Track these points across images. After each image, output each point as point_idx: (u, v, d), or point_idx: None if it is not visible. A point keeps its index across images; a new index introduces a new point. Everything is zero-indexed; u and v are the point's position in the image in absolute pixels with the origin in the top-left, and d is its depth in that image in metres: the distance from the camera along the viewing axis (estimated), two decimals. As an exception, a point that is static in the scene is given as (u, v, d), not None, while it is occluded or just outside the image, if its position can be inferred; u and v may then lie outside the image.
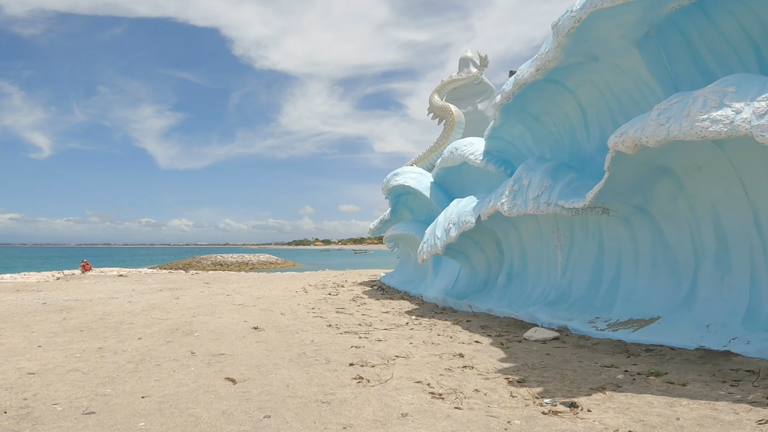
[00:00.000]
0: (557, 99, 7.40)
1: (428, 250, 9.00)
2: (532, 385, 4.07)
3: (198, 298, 11.25)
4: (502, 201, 7.02)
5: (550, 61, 6.28)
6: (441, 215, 9.27)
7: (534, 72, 6.66)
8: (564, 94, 7.30)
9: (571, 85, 7.03)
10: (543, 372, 4.53)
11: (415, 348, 5.71)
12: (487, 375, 4.51)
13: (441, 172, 11.29)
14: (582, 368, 4.63)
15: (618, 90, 6.66)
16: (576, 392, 3.82)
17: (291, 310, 9.09)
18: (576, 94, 7.18)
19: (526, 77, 6.86)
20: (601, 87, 6.82)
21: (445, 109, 13.15)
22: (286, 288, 13.90)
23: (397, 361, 5.04)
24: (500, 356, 5.30)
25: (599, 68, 6.43)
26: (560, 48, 5.96)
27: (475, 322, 7.72)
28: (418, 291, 11.53)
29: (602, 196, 5.59)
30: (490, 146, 9.35)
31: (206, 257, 46.74)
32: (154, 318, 8.13)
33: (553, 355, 5.29)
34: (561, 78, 6.85)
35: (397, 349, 5.60)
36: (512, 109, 7.77)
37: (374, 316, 8.53)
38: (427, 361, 5.04)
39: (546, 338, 6.08)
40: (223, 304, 9.86)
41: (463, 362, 4.99)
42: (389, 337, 6.42)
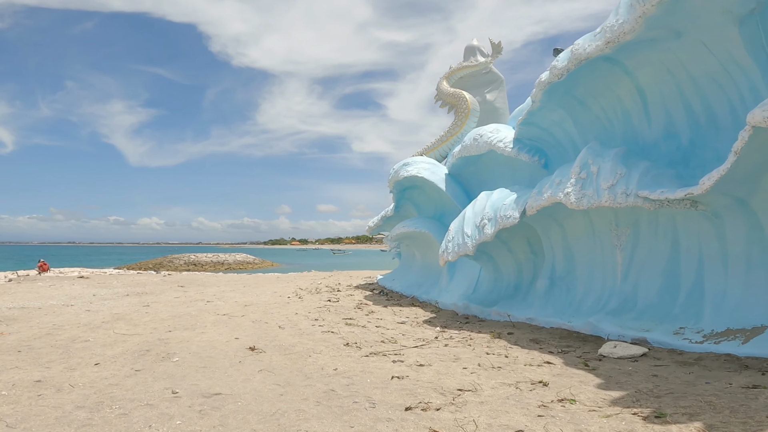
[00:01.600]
0: (609, 80, 6.28)
1: (455, 250, 7.63)
2: (680, 420, 2.97)
3: (173, 305, 9.51)
4: (566, 191, 5.73)
5: (625, 33, 5.19)
6: (468, 210, 7.92)
7: (602, 46, 5.54)
8: (618, 75, 6.17)
9: (630, 65, 5.96)
10: (676, 401, 3.39)
11: (475, 375, 4.32)
12: (604, 411, 3.25)
13: (458, 163, 9.95)
14: (721, 393, 3.50)
15: (697, 71, 5.60)
16: (757, 429, 2.60)
17: (290, 321, 7.53)
18: (634, 75, 6.09)
19: (590, 51, 5.71)
20: (673, 67, 5.75)
21: (458, 96, 11.88)
22: (275, 292, 12.26)
23: (465, 397, 3.65)
24: (595, 381, 4.07)
25: (677, 46, 5.45)
26: (643, 19, 4.96)
27: (520, 334, 6.41)
28: (429, 296, 10.15)
29: (720, 185, 4.39)
30: (521, 133, 8.08)
31: (179, 257, 44.07)
32: (118, 333, 6.43)
33: (663, 376, 4.12)
34: (619, 56, 5.80)
35: (454, 379, 4.20)
36: (555, 92, 6.62)
37: (391, 329, 7.10)
38: (505, 396, 3.68)
39: (634, 354, 4.92)
40: (204, 314, 8.20)
41: (555, 393, 3.69)
42: (429, 358, 5.00)
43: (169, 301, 10.14)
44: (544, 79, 6.58)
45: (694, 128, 5.85)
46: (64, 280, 15.71)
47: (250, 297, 11.12)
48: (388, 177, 11.18)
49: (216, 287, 13.98)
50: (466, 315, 8.54)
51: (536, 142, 8.13)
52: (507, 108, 12.94)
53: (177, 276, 18.94)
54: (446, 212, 10.93)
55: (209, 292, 12.47)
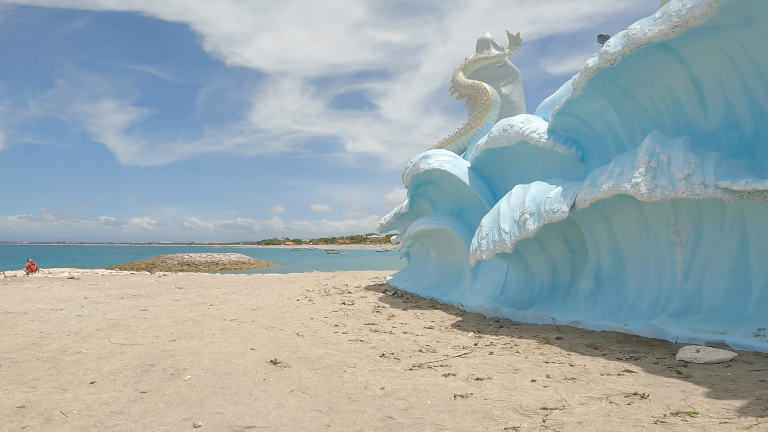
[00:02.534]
0: (660, 69, 5.80)
1: (490, 248, 6.93)
2: None
3: (173, 309, 8.71)
4: (634, 181, 5.07)
5: (696, 18, 4.74)
6: (502, 205, 7.23)
7: (667, 30, 5.04)
8: (671, 64, 5.68)
9: (685, 53, 5.50)
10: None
11: (551, 389, 3.65)
12: (738, 422, 2.72)
13: (482, 156, 9.26)
14: None
15: (764, 61, 5.15)
16: None
17: (308, 328, 6.79)
18: (689, 64, 5.61)
19: (651, 36, 5.27)
20: (737, 56, 5.30)
21: (477, 87, 11.20)
22: (280, 294, 11.48)
23: (556, 417, 3.00)
24: (700, 390, 3.52)
25: (745, 34, 5.05)
26: (718, 3, 4.54)
27: (570, 339, 5.76)
28: (450, 298, 9.46)
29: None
30: (556, 124, 7.43)
31: (172, 257, 42.99)
32: (115, 343, 5.65)
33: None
34: (676, 44, 5.37)
35: (528, 394, 3.52)
36: (600, 79, 6.10)
37: (421, 334, 6.39)
38: (604, 413, 3.05)
39: (723, 359, 4.39)
40: (209, 320, 7.42)
41: (664, 406, 3.11)
42: (484, 370, 4.31)
43: (168, 305, 9.33)
44: (591, 65, 6.06)
45: (758, 118, 5.43)
46: (54, 282, 14.78)
47: (256, 300, 10.34)
48: (404, 170, 10.46)
49: (216, 289, 13.16)
50: (497, 318, 7.87)
51: (572, 133, 7.56)
52: (523, 102, 12.32)
53: (173, 277, 18.06)
54: (465, 209, 10.26)
55: (210, 294, 11.66)
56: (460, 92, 12.00)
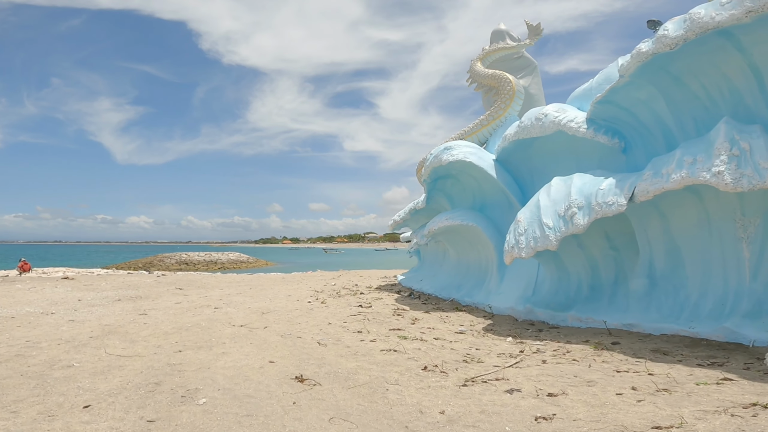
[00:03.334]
0: (716, 57, 5.29)
1: (530, 245, 6.26)
2: None
3: (175, 313, 8.00)
4: (716, 170, 4.43)
5: None
6: (541, 198, 6.57)
7: (740, 15, 4.62)
8: (728, 52, 5.19)
9: (745, 41, 5.04)
10: None
11: (650, 404, 3.06)
12: None
13: (509, 147, 8.59)
14: None
15: None
16: None
17: (328, 335, 6.09)
18: (749, 51, 5.15)
19: (720, 21, 4.93)
20: None
21: (499, 77, 10.56)
22: (289, 296, 10.77)
23: None
24: None
25: None
26: None
27: (629, 344, 5.16)
28: (475, 299, 8.79)
29: None
30: (596, 113, 6.84)
31: (169, 255, 42.19)
32: (112, 354, 4.94)
33: None
34: (737, 31, 4.89)
35: (627, 412, 2.91)
36: (650, 66, 5.64)
37: (455, 341, 5.73)
38: (732, 428, 2.35)
39: None
40: (217, 326, 6.71)
41: None
42: (552, 384, 3.64)
43: (169, 308, 8.61)
44: (645, 50, 5.52)
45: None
46: (47, 282, 14.01)
47: (263, 302, 9.63)
48: (424, 163, 9.77)
49: (219, 290, 12.44)
50: (531, 321, 7.23)
51: (612, 123, 7.00)
52: (542, 94, 11.71)
53: (172, 276, 17.31)
54: (488, 204, 9.59)
55: (213, 295, 10.94)
56: (479, 82, 11.38)
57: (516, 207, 8.76)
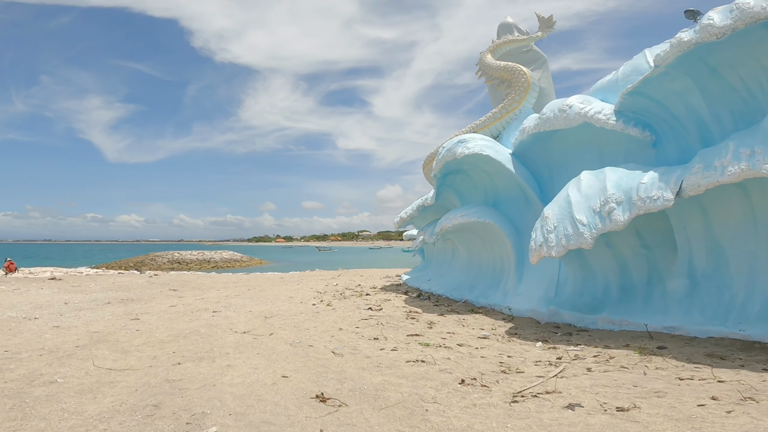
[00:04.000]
0: (757, 49, 4.96)
1: (561, 243, 5.76)
2: None
3: (171, 318, 7.40)
4: None
5: None
6: (571, 194, 6.08)
7: None
8: None
9: None
10: None
11: (746, 416, 2.70)
12: None
13: (528, 141, 8.12)
14: None
15: None
16: None
17: (342, 342, 5.55)
18: None
19: None
20: None
21: (513, 70, 10.10)
22: (291, 297, 10.20)
23: None
24: None
25: None
26: None
27: (678, 348, 4.72)
28: (490, 301, 8.29)
29: None
30: (625, 105, 6.42)
31: (161, 254, 41.26)
32: (102, 368, 4.35)
33: None
34: None
35: (724, 427, 2.36)
36: (688, 57, 5.27)
37: (480, 347, 5.23)
38: None
39: None
40: (218, 332, 6.13)
41: None
42: (612, 394, 3.15)
43: (164, 312, 7.99)
44: (688, 39, 5.14)
45: None
46: (33, 283, 13.29)
47: (265, 304, 9.05)
48: (436, 157, 9.24)
49: (216, 291, 11.82)
50: (556, 324, 6.75)
51: (642, 115, 6.64)
52: (552, 88, 11.30)
53: (165, 277, 16.62)
54: (502, 200, 9.09)
55: (210, 297, 10.33)
56: (489, 75, 10.93)
57: (534, 203, 8.28)
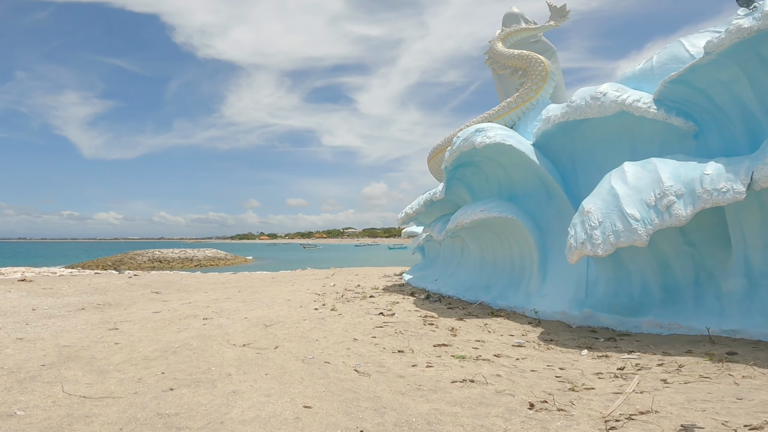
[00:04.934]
0: None
1: (609, 240, 5.12)
2: None
3: (156, 327, 6.50)
4: None
5: None
6: (617, 186, 5.45)
7: None
8: None
9: None
10: None
11: None
12: None
13: (552, 131, 7.51)
14: None
15: None
16: None
17: (363, 357, 4.77)
18: None
19: None
20: None
21: (528, 58, 9.51)
22: (288, 300, 9.36)
23: None
24: None
25: None
26: None
27: (751, 354, 4.13)
28: (511, 302, 7.64)
29: None
30: (665, 93, 5.97)
31: (141, 253, 39.60)
32: (74, 394, 3.48)
33: None
34: None
35: None
36: (742, 45, 4.84)
37: (519, 356, 4.54)
38: None
39: None
40: (213, 345, 5.29)
41: None
42: (720, 410, 2.47)
43: (147, 319, 7.08)
44: (748, 26, 4.81)
45: None
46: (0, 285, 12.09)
47: (261, 309, 8.20)
48: (451, 146, 8.50)
49: (203, 293, 10.88)
50: (591, 328, 6.17)
51: (682, 105, 6.18)
52: (562, 80, 10.76)
53: (146, 277, 15.51)
54: (518, 195, 8.43)
55: (198, 301, 9.41)
56: (501, 63, 10.37)
57: (557, 198, 7.64)
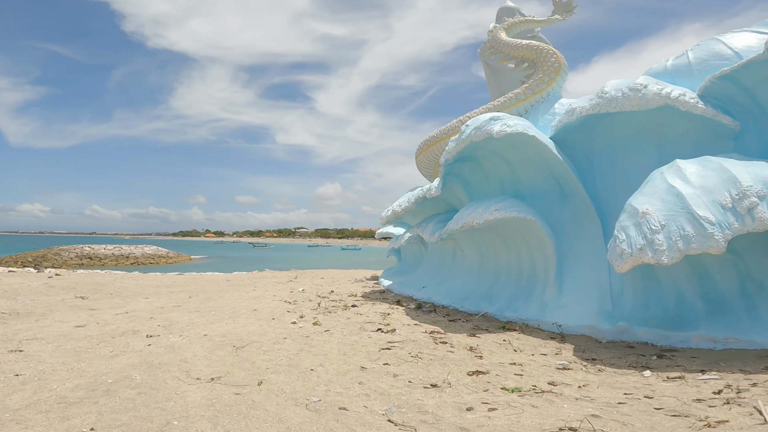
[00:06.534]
0: None
1: (677, 247, 4.23)
2: None
3: (78, 349, 4.76)
4: None
5: None
6: (677, 185, 4.61)
7: None
8: None
9: None
10: None
11: None
12: None
13: (575, 124, 6.71)
14: None
15: None
16: None
17: (386, 397, 3.45)
18: None
19: None
20: None
21: (538, 48, 8.88)
22: (255, 310, 7.78)
23: None
24: None
25: None
26: None
27: None
28: (523, 314, 6.63)
29: None
30: (710, 90, 5.66)
31: (68, 248, 35.31)
32: None
33: None
34: None
35: None
36: None
37: (580, 383, 3.43)
38: None
39: None
40: (167, 379, 3.73)
41: None
42: None
43: (66, 336, 5.27)
44: None
45: None
46: None
47: (223, 322, 6.59)
48: (460, 135, 7.38)
49: (144, 299, 8.98)
50: (627, 343, 5.36)
51: (724, 102, 5.65)
52: None
53: (70, 277, 13.02)
54: (525, 194, 7.44)
55: (138, 310, 7.59)
56: (504, 53, 9.75)
57: (576, 198, 6.75)
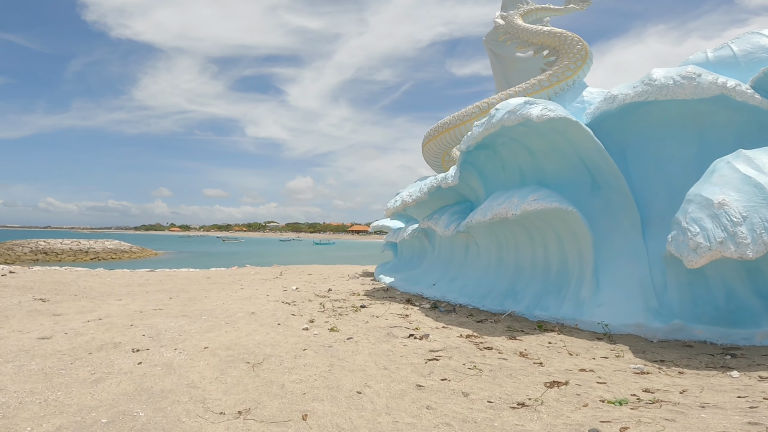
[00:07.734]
0: None
1: (764, 241, 3.77)
2: None
3: (46, 371, 3.76)
4: None
5: None
6: (751, 174, 4.16)
7: None
8: None
9: None
10: None
11: None
12: None
13: (614, 111, 6.26)
14: None
15: None
16: None
17: (477, 426, 2.70)
18: None
19: None
20: None
21: (561, 35, 8.42)
22: (252, 314, 6.86)
23: None
24: None
25: None
26: None
27: None
28: (557, 313, 6.08)
29: None
30: (759, 81, 5.41)
31: (21, 243, 32.53)
32: None
33: None
34: None
35: None
36: None
37: (678, 391, 2.82)
38: None
39: None
40: (179, 415, 2.85)
41: None
42: None
43: (28, 351, 4.22)
44: None
45: None
46: None
47: (221, 329, 5.65)
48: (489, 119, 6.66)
49: (117, 302, 7.84)
50: (685, 342, 4.99)
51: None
52: None
53: (26, 275, 11.49)
54: (550, 185, 6.83)
55: (113, 315, 6.51)
56: (522, 39, 9.42)
57: (611, 189, 6.25)
